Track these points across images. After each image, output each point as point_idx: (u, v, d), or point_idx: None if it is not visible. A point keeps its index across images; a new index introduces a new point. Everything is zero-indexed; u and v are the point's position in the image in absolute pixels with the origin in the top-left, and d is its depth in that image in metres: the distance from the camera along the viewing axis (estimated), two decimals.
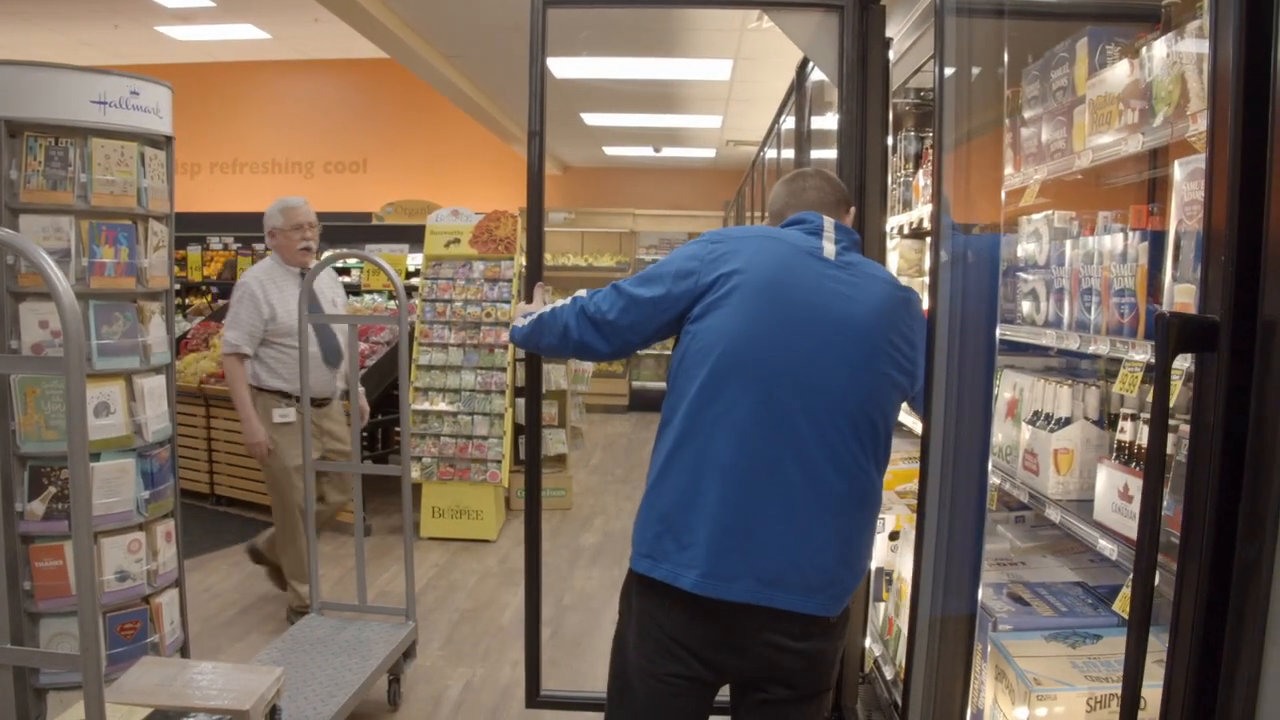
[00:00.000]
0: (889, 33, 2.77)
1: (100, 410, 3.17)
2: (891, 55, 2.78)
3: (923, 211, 3.09)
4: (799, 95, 3.60)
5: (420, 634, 3.97)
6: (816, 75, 3.48)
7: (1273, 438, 0.82)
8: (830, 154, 3.64)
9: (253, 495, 6.56)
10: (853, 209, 2.27)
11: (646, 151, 11.23)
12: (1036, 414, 2.31)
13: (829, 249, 2.01)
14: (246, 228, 10.86)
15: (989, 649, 1.96)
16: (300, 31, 10.65)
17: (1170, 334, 0.93)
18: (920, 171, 3.29)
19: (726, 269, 1.95)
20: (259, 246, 10.24)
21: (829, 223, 2.06)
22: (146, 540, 3.37)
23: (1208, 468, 0.91)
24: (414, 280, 7.47)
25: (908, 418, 2.96)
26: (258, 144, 12.37)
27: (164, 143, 3.41)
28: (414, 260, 7.58)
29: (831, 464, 1.88)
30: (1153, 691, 1.73)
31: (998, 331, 2.16)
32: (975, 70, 2.12)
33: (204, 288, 9.95)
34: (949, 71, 2.01)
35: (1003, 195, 2.29)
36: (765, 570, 1.86)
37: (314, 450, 4.14)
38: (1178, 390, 1.64)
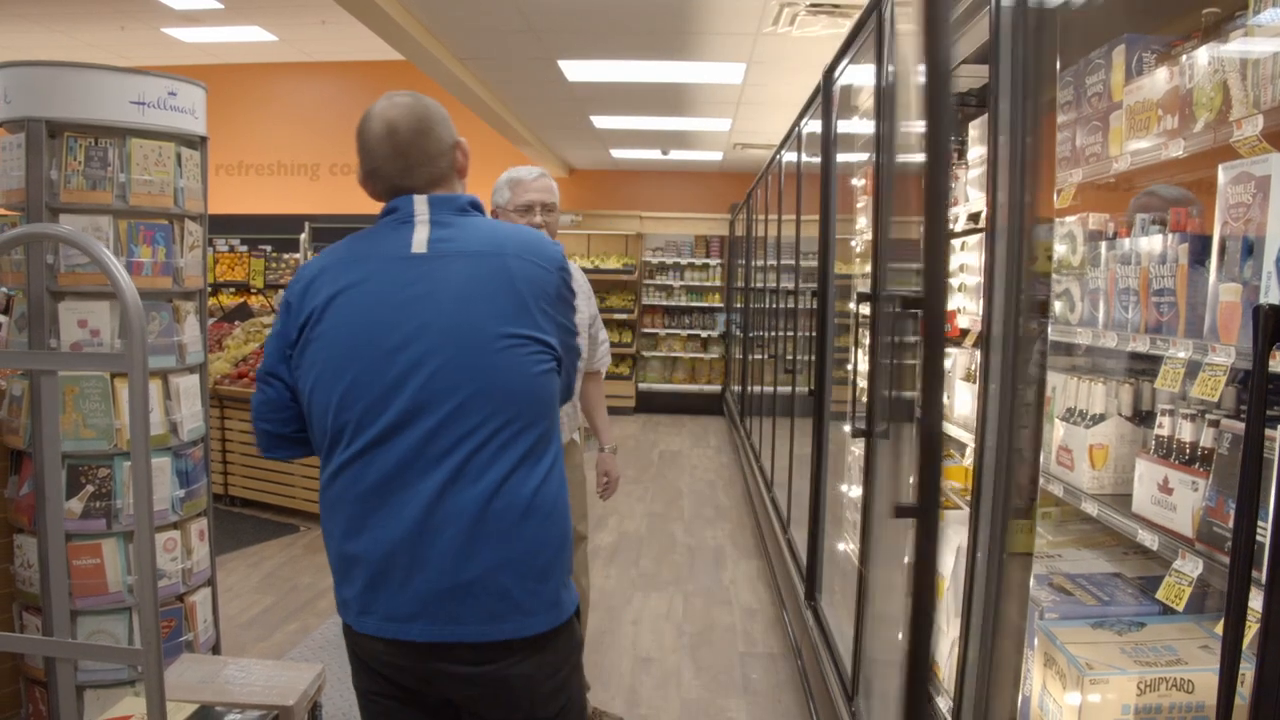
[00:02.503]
0: None
1: None
2: None
3: (955, 212, 3.14)
4: (825, 99, 3.65)
5: None
6: (844, 80, 3.52)
7: None
8: (853, 157, 3.69)
9: (267, 496, 6.60)
10: (453, 153, 1.92)
11: (653, 154, 11.27)
12: (1070, 410, 2.36)
13: (419, 239, 1.81)
14: (253, 230, 10.91)
15: (1036, 637, 2.01)
16: (307, 34, 10.69)
17: (1268, 324, 0.98)
18: (950, 174, 3.34)
19: (304, 315, 1.82)
20: (266, 248, 10.26)
21: (420, 203, 1.85)
22: (181, 539, 3.40)
23: None
24: None
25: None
26: (264, 146, 12.41)
27: (199, 143, 3.45)
28: None
29: (477, 472, 1.74)
30: (1205, 677, 1.80)
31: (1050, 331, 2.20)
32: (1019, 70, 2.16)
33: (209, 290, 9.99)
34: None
35: (1054, 196, 2.33)
36: (406, 606, 1.76)
37: None
38: (1221, 387, 1.69)
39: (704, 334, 12.25)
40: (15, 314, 3.23)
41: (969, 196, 2.88)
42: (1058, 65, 2.23)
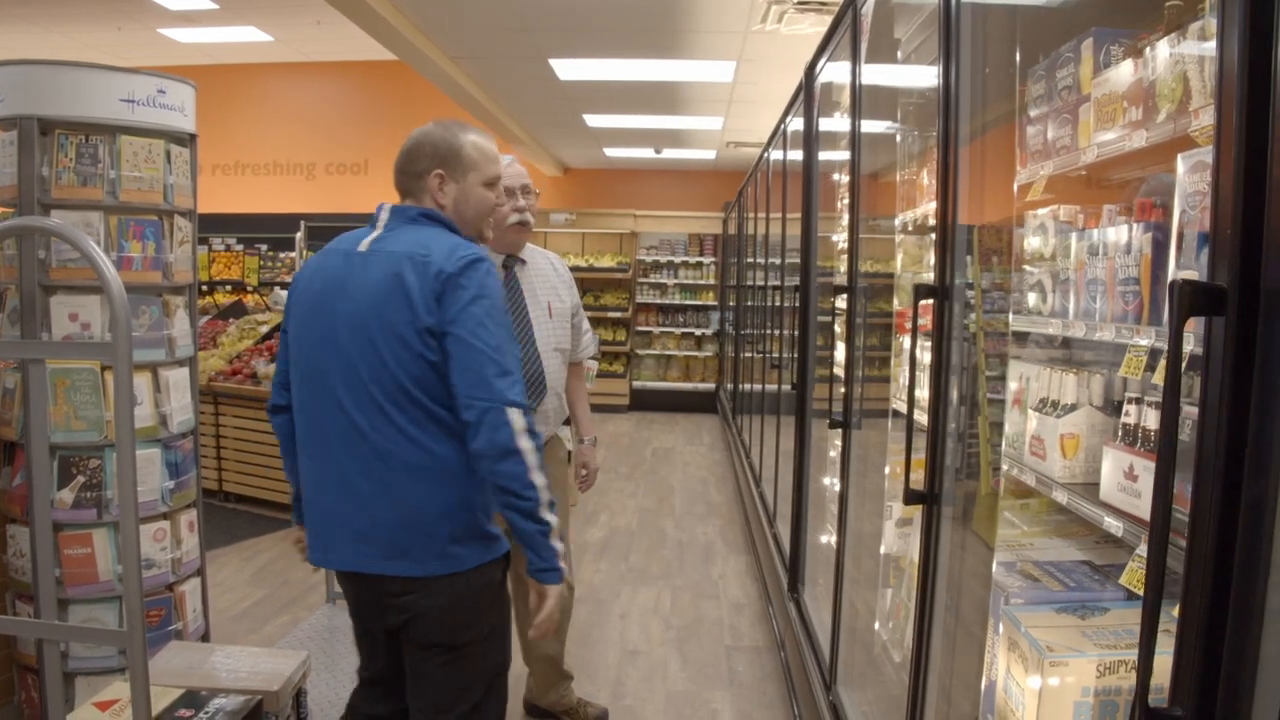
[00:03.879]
0: (896, 34, 2.86)
1: None
2: (899, 55, 2.87)
3: (927, 209, 3.18)
4: (807, 96, 3.68)
5: None
6: (824, 77, 3.56)
7: (1275, 388, 0.94)
8: (835, 155, 3.73)
9: (261, 492, 6.64)
10: (438, 171, 2.23)
11: (647, 153, 11.31)
12: (1043, 401, 2.39)
13: (368, 239, 2.19)
14: (249, 229, 10.96)
15: (1001, 623, 2.05)
16: (302, 34, 10.73)
17: (1183, 299, 1.02)
18: (924, 170, 3.38)
19: (290, 298, 2.30)
20: (262, 247, 10.30)
21: (386, 210, 2.24)
22: (171, 529, 3.44)
23: (1216, 421, 1.01)
24: None
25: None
26: (259, 146, 12.45)
27: (188, 140, 3.49)
28: None
29: (368, 440, 2.10)
30: (1164, 659, 1.83)
31: (1010, 321, 2.24)
32: (982, 67, 2.20)
33: (204, 288, 10.03)
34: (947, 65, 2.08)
35: (1015, 189, 2.37)
36: (330, 541, 2.21)
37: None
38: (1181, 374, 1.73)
39: (698, 332, 12.29)
40: (8, 308, 3.27)
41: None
42: (1017, 59, 2.26)
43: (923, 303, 2.12)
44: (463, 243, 2.16)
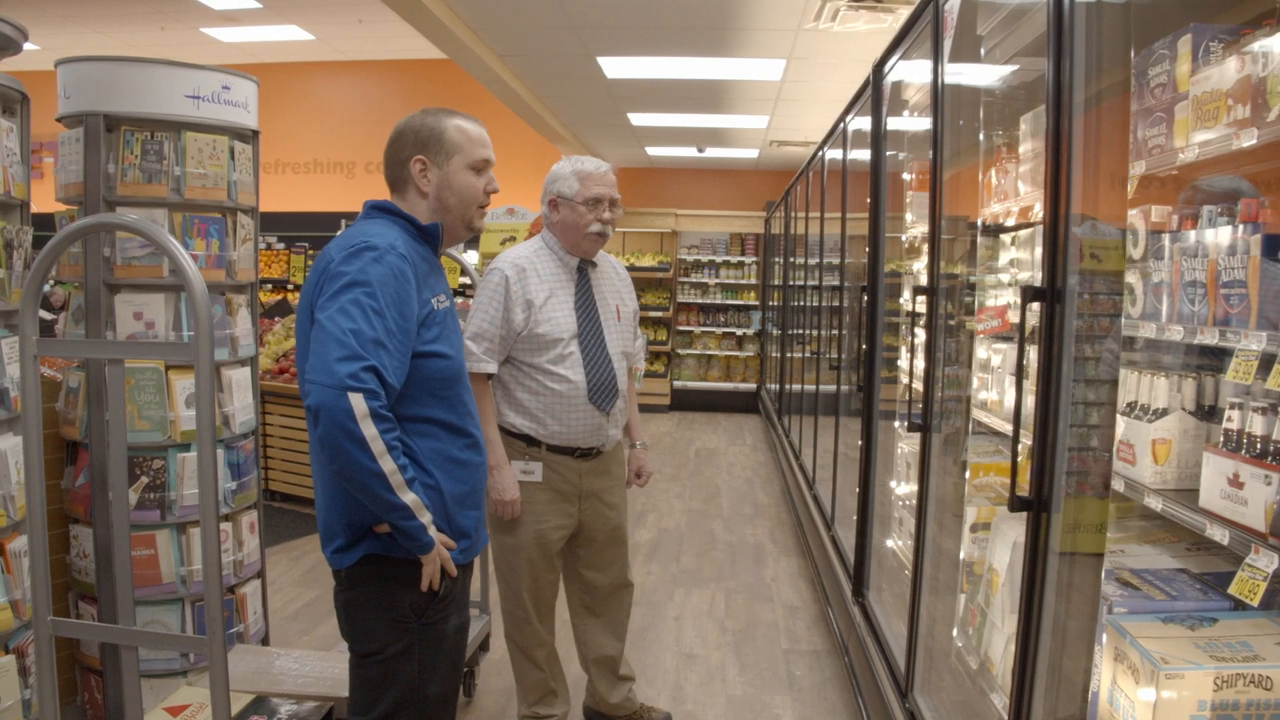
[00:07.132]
0: (979, 30, 2.80)
1: (191, 400, 3.22)
2: (982, 51, 2.81)
3: (995, 209, 3.11)
4: (875, 94, 3.62)
5: (492, 627, 4.02)
6: (894, 75, 3.49)
7: None
8: (903, 153, 3.66)
9: (307, 491, 6.64)
10: (418, 157, 2.18)
11: (689, 151, 11.24)
12: (1131, 405, 2.33)
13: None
14: (290, 227, 10.99)
15: (1105, 633, 1.98)
16: (344, 32, 10.78)
17: None
18: (993, 170, 3.30)
19: None
20: (305, 245, 10.33)
21: (366, 207, 2.23)
22: (233, 531, 3.43)
23: None
24: (463, 279, 7.57)
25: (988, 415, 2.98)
26: (300, 144, 12.52)
27: (251, 136, 3.48)
28: (466, 258, 7.69)
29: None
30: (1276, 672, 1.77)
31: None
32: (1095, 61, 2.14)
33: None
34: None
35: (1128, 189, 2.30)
36: None
37: (561, 518, 3.19)
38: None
39: (739, 332, 12.23)
40: (72, 307, 3.27)
41: (1020, 191, 2.85)
42: (1131, 54, 2.20)
43: (1030, 305, 2.06)
44: (374, 232, 2.06)
